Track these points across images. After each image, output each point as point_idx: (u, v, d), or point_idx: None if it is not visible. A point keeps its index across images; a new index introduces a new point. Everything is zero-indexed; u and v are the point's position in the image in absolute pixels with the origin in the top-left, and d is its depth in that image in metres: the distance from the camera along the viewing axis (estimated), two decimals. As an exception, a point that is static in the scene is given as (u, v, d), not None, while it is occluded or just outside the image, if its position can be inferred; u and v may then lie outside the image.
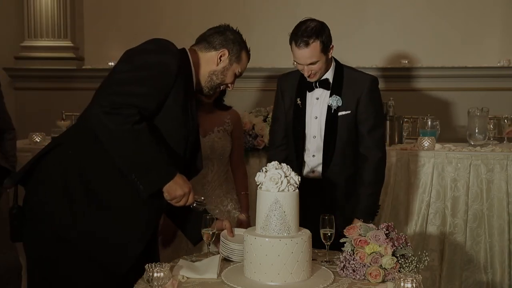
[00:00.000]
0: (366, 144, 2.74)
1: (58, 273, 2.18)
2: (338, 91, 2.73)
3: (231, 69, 2.38)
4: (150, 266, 1.94)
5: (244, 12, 5.26)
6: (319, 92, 2.76)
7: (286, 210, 2.05)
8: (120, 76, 2.15)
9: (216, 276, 2.11)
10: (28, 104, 5.54)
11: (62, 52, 5.60)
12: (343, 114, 2.72)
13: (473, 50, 5.14)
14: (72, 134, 2.30)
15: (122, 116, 2.05)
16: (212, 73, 2.36)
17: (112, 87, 2.13)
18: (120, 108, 2.05)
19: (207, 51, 2.35)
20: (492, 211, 3.49)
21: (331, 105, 2.73)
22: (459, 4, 5.18)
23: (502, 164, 3.48)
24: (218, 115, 2.95)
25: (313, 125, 2.78)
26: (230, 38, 2.36)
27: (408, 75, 5.15)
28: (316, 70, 2.66)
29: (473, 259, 3.52)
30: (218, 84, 2.39)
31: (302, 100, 2.78)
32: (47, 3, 5.55)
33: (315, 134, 2.78)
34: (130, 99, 2.08)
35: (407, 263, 2.09)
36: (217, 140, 2.89)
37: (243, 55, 2.40)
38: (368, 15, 5.26)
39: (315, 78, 2.70)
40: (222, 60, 2.35)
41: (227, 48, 2.35)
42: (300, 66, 2.67)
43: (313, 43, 2.58)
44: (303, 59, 2.62)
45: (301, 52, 2.60)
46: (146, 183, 2.12)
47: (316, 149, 2.79)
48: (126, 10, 5.70)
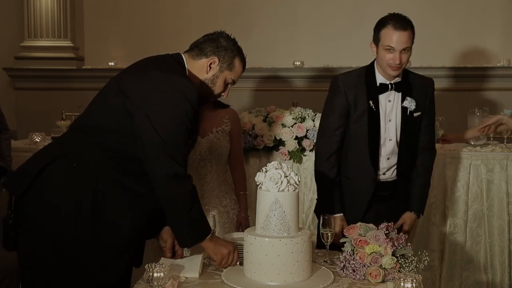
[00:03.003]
0: (425, 141, 2.83)
1: (53, 283, 2.14)
2: (409, 93, 2.74)
3: (221, 77, 2.30)
4: (150, 266, 1.94)
5: (244, 12, 5.26)
6: (391, 95, 2.74)
7: (286, 210, 2.05)
8: (164, 129, 2.09)
9: (198, 275, 2.13)
10: (28, 104, 5.54)
11: (62, 52, 5.61)
12: (417, 115, 2.76)
13: (473, 50, 5.14)
14: (77, 145, 2.21)
15: (182, 183, 2.10)
16: (202, 81, 2.29)
17: (163, 142, 2.08)
18: (178, 171, 2.09)
19: (199, 59, 2.29)
20: (492, 211, 3.49)
21: (408, 107, 2.73)
22: (459, 4, 5.18)
23: (502, 164, 3.48)
24: (216, 115, 2.94)
25: (388, 128, 2.75)
26: (222, 45, 2.29)
27: (408, 75, 5.15)
28: (404, 61, 2.64)
29: (473, 259, 3.51)
30: (209, 93, 2.33)
31: (375, 103, 2.72)
32: (47, 3, 5.55)
33: (391, 137, 2.76)
34: (180, 152, 2.11)
35: (407, 263, 2.09)
36: (215, 141, 2.89)
37: (236, 62, 2.32)
38: (368, 15, 5.23)
39: (399, 70, 2.67)
40: (212, 68, 2.28)
41: (218, 55, 2.28)
42: (390, 54, 2.61)
43: (410, 29, 2.63)
44: (400, 43, 2.60)
45: (400, 35, 2.60)
46: (193, 237, 2.16)
47: (391, 152, 2.78)
48: (126, 10, 5.70)
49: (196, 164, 2.88)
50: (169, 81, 2.14)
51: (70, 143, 2.24)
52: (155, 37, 5.42)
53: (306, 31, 5.33)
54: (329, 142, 2.77)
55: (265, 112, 3.63)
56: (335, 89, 2.77)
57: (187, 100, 2.11)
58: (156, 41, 5.34)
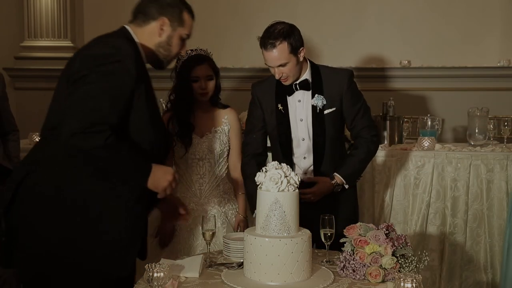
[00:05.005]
0: (359, 127, 2.78)
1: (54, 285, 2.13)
2: (319, 90, 2.73)
3: (176, 35, 2.24)
4: (150, 266, 1.94)
5: (244, 12, 5.27)
6: (300, 94, 2.75)
7: (286, 210, 2.05)
8: (81, 90, 2.03)
9: (198, 275, 2.12)
10: (28, 104, 5.53)
11: (62, 52, 5.59)
12: (329, 112, 2.73)
13: (473, 50, 5.14)
14: (45, 156, 2.17)
15: (94, 137, 2.00)
16: (158, 45, 2.23)
17: (77, 105, 2.02)
18: (91, 128, 1.99)
19: (147, 24, 2.22)
20: (492, 211, 3.50)
21: (316, 105, 2.72)
22: (459, 4, 5.18)
23: (502, 164, 3.48)
24: (215, 115, 2.94)
25: (299, 128, 2.77)
26: (166, 3, 2.22)
27: (408, 75, 5.15)
28: (287, 73, 2.65)
29: (473, 259, 3.52)
30: (167, 55, 2.26)
31: (283, 105, 2.77)
32: (47, 3, 5.55)
33: (304, 137, 2.77)
34: (98, 115, 2.01)
35: (407, 263, 2.09)
36: (214, 141, 2.89)
37: (185, 16, 2.25)
38: (368, 15, 5.25)
39: (288, 81, 2.70)
40: (164, 30, 2.22)
41: (166, 15, 2.21)
42: (272, 69, 2.67)
43: (280, 44, 2.59)
44: (272, 61, 2.62)
45: (270, 54, 2.61)
46: (132, 188, 2.13)
47: (306, 151, 2.78)
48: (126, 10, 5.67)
49: (195, 164, 2.89)
50: (107, 59, 2.07)
51: (36, 157, 2.22)
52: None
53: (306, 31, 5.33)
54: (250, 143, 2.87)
55: (265, 112, 3.62)
56: (251, 98, 2.88)
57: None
58: (156, 41, 5.33)
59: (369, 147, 2.80)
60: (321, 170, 2.77)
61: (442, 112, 4.90)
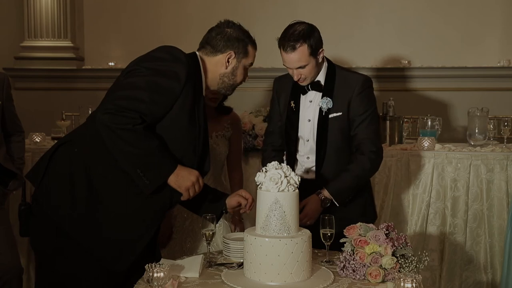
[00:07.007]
0: (360, 137, 2.65)
1: (62, 267, 2.21)
2: (329, 93, 2.68)
3: (240, 66, 2.39)
4: (150, 266, 1.94)
5: (244, 12, 5.26)
6: (312, 95, 2.72)
7: (286, 210, 2.05)
8: (128, 80, 2.19)
9: (198, 275, 2.13)
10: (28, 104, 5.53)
11: (62, 52, 5.61)
12: (334, 116, 2.67)
13: (473, 50, 5.14)
14: (80, 133, 2.34)
15: (126, 119, 2.09)
16: (223, 75, 2.38)
17: (119, 91, 2.17)
18: (124, 111, 2.09)
19: (214, 55, 2.36)
20: (492, 211, 3.49)
21: (321, 107, 2.68)
22: (459, 4, 5.18)
23: (502, 164, 3.48)
24: (219, 120, 2.94)
25: (306, 128, 2.74)
26: (233, 37, 2.36)
27: (408, 75, 5.16)
28: (305, 75, 2.62)
29: (473, 259, 3.52)
30: (232, 84, 2.42)
31: (296, 103, 2.76)
32: (47, 3, 5.55)
33: (308, 137, 2.74)
34: (135, 104, 2.12)
35: (407, 263, 2.09)
36: (214, 146, 2.89)
37: (249, 48, 2.40)
38: (368, 15, 5.26)
39: (305, 82, 2.67)
40: (230, 62, 2.37)
41: (232, 49, 2.36)
42: (290, 70, 2.65)
43: (300, 47, 2.55)
44: (291, 63, 2.59)
45: (289, 56, 2.57)
46: (151, 178, 2.15)
47: (309, 151, 2.75)
48: (126, 10, 5.70)
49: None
50: (160, 60, 2.23)
51: (75, 133, 2.38)
52: (155, 37, 5.41)
53: (306, 31, 5.33)
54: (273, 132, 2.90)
55: (265, 112, 3.63)
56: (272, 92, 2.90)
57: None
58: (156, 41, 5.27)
59: (364, 166, 2.64)
60: (321, 172, 2.73)
61: (442, 112, 4.90)
